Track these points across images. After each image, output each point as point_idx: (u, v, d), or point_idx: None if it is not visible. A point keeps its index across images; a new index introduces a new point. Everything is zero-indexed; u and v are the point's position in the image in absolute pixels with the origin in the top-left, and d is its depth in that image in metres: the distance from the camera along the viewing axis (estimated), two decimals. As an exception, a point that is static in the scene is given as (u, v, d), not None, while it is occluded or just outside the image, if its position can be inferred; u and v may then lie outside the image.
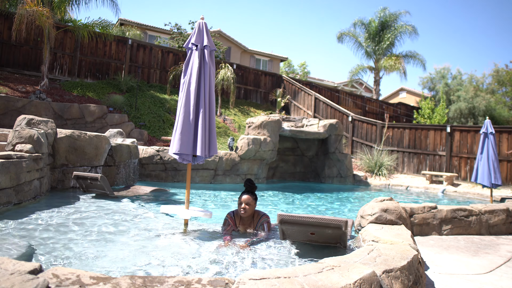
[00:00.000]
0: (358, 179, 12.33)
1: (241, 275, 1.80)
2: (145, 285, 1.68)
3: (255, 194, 3.99)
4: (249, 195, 3.91)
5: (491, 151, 7.90)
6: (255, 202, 3.97)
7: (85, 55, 14.23)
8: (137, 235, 3.73)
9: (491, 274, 3.36)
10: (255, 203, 3.95)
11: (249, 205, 3.88)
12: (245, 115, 16.66)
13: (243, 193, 3.93)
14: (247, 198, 3.88)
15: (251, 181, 4.03)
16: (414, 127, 14.13)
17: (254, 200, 3.94)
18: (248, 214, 3.89)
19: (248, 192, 3.94)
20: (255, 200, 3.97)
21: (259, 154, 10.25)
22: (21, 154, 4.72)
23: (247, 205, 3.87)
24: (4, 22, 12.60)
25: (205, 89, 4.01)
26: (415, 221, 4.82)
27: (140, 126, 12.32)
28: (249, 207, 3.88)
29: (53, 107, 10.60)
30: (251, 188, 3.99)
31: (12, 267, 1.64)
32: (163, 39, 21.21)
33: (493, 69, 25.34)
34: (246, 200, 3.88)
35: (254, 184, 4.06)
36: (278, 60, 27.72)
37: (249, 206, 3.88)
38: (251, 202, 3.90)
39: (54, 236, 3.49)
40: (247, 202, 3.88)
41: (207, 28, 4.14)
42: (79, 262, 2.83)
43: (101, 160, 6.74)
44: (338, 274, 1.91)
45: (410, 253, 2.50)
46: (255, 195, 3.98)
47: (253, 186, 4.02)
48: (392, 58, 23.37)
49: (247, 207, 3.86)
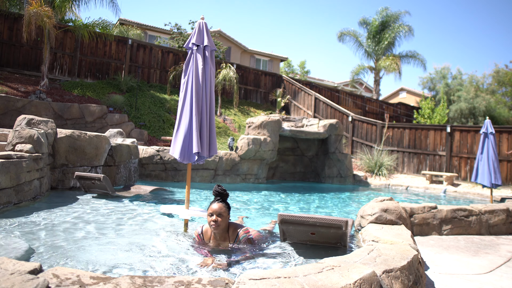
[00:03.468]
0: (358, 179, 12.33)
1: (241, 275, 1.80)
2: (145, 285, 1.68)
3: (227, 202, 3.27)
4: (221, 204, 3.17)
5: (491, 151, 7.90)
6: (228, 212, 3.23)
7: (85, 55, 14.23)
8: (137, 235, 3.73)
9: (491, 274, 3.36)
10: (228, 213, 3.21)
11: (221, 217, 3.14)
12: (245, 115, 16.66)
13: (213, 202, 3.20)
14: (218, 208, 3.13)
15: (222, 187, 3.27)
16: (414, 127, 14.13)
17: (227, 210, 3.21)
18: (221, 228, 3.15)
19: (219, 201, 3.20)
20: (228, 210, 3.23)
21: (259, 154, 10.25)
22: (21, 154, 4.72)
23: (219, 216, 3.13)
24: (4, 22, 12.60)
25: (206, 89, 4.01)
26: (415, 221, 4.82)
27: (140, 126, 12.32)
28: (222, 219, 3.14)
29: (53, 107, 10.60)
30: (221, 196, 3.24)
31: (12, 267, 1.64)
32: (163, 39, 21.21)
33: (494, 69, 25.37)
34: (217, 211, 3.12)
35: (225, 190, 3.29)
36: (278, 60, 27.72)
37: (221, 217, 3.14)
38: (223, 213, 3.15)
39: (54, 236, 3.49)
40: (218, 212, 3.12)
41: (207, 28, 4.14)
42: (79, 262, 2.83)
43: (101, 160, 6.74)
44: (338, 274, 1.91)
45: (410, 253, 2.50)
46: (227, 204, 3.26)
47: (224, 194, 3.27)
48: (389, 58, 23.38)
49: (219, 219, 3.12)
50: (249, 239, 3.18)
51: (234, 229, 3.23)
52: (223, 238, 3.21)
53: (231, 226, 3.26)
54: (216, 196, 3.23)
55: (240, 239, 3.15)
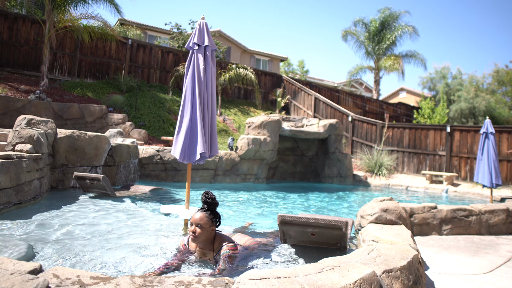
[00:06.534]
0: (358, 179, 12.33)
1: (241, 275, 1.80)
2: (145, 285, 1.68)
3: (215, 213, 2.92)
4: (203, 214, 2.83)
5: (491, 151, 7.90)
6: (213, 223, 2.85)
7: (85, 55, 14.23)
8: (137, 235, 3.73)
9: (491, 274, 3.36)
10: (210, 224, 2.83)
11: (201, 228, 2.78)
12: (245, 115, 16.66)
13: (198, 211, 2.90)
14: (198, 219, 2.80)
15: (211, 195, 2.91)
16: (414, 127, 14.13)
17: (210, 221, 2.82)
18: (199, 240, 2.81)
19: (203, 210, 2.87)
20: (213, 222, 2.85)
21: (259, 154, 10.25)
22: (21, 154, 4.72)
23: (198, 227, 2.78)
24: (4, 22, 12.60)
25: (207, 89, 4.01)
26: (415, 221, 4.82)
27: (140, 126, 12.32)
28: (201, 231, 2.78)
29: (53, 107, 10.60)
30: (208, 205, 2.89)
31: (12, 267, 1.65)
32: (163, 39, 21.21)
33: (493, 69, 25.37)
34: (196, 220, 2.80)
35: (213, 199, 2.91)
36: (278, 60, 27.71)
37: (201, 229, 2.78)
38: (204, 224, 2.79)
39: (54, 236, 3.49)
40: (197, 223, 2.79)
41: (207, 28, 4.15)
42: (79, 262, 2.83)
43: (101, 160, 6.74)
44: (338, 274, 1.91)
45: (410, 253, 2.50)
46: (214, 214, 2.90)
47: (212, 202, 2.90)
48: (391, 58, 23.39)
49: (197, 230, 2.78)
50: (230, 256, 2.76)
51: (221, 242, 2.86)
52: (208, 250, 2.87)
53: (218, 238, 2.89)
54: (203, 204, 2.91)
55: (220, 255, 2.76)
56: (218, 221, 2.93)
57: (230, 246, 2.82)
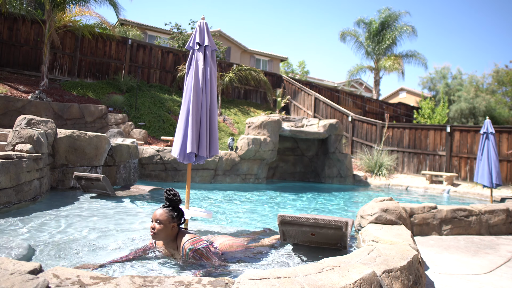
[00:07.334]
0: (358, 179, 12.33)
1: (241, 275, 1.80)
2: (145, 285, 1.68)
3: (177, 209, 2.82)
4: (164, 210, 2.75)
5: (491, 151, 7.91)
6: (173, 220, 2.75)
7: (85, 55, 14.23)
8: (137, 235, 3.73)
9: (491, 274, 3.36)
10: (170, 221, 2.73)
11: (161, 225, 2.70)
12: (245, 115, 16.67)
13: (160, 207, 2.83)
14: (158, 214, 2.72)
15: (173, 192, 2.82)
16: (414, 127, 14.13)
17: (170, 218, 2.73)
18: (159, 237, 2.73)
19: (165, 206, 2.80)
20: (173, 218, 2.75)
21: (259, 154, 10.25)
22: (21, 154, 4.72)
23: (157, 223, 2.70)
24: (4, 22, 12.60)
25: (206, 89, 4.01)
26: (415, 221, 4.82)
27: (140, 126, 12.32)
28: (160, 228, 2.70)
29: (53, 107, 10.60)
30: (170, 201, 2.80)
31: (12, 267, 1.64)
32: (163, 39, 21.20)
33: (493, 69, 25.35)
34: (155, 216, 2.73)
35: (175, 196, 2.81)
36: (278, 60, 27.71)
37: (160, 225, 2.70)
38: (163, 220, 2.71)
39: (54, 236, 3.49)
40: (156, 218, 2.71)
41: (208, 28, 4.15)
42: (79, 262, 2.83)
43: (101, 160, 6.74)
44: (338, 274, 1.91)
45: (410, 253, 2.50)
46: (177, 210, 2.81)
47: (174, 199, 2.80)
48: (391, 58, 23.38)
49: (156, 227, 2.70)
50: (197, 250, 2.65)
51: (181, 239, 2.74)
52: (172, 248, 2.79)
53: (181, 235, 2.78)
54: (165, 200, 2.82)
55: (186, 253, 2.65)
56: (180, 218, 2.83)
57: (193, 241, 2.70)
